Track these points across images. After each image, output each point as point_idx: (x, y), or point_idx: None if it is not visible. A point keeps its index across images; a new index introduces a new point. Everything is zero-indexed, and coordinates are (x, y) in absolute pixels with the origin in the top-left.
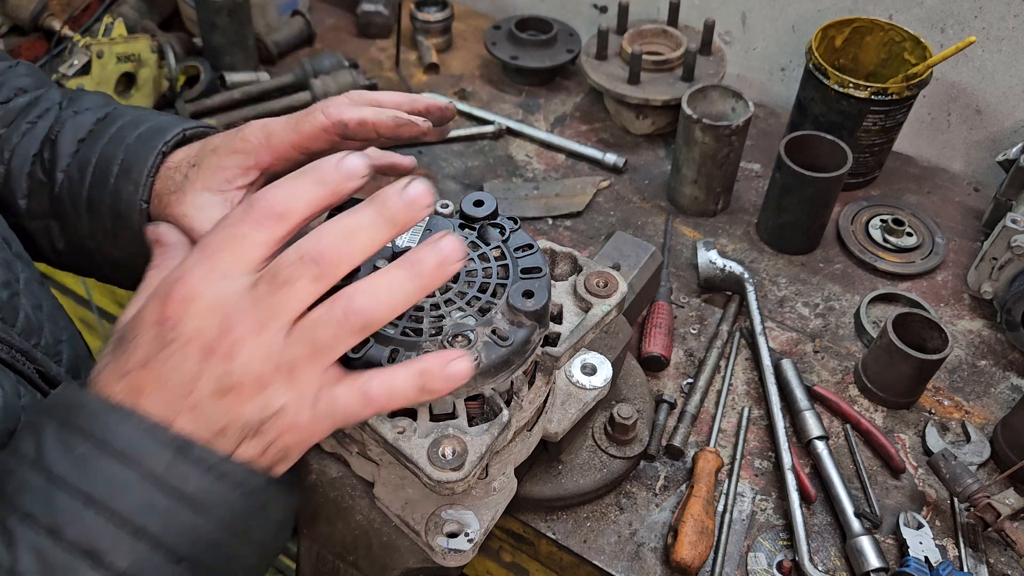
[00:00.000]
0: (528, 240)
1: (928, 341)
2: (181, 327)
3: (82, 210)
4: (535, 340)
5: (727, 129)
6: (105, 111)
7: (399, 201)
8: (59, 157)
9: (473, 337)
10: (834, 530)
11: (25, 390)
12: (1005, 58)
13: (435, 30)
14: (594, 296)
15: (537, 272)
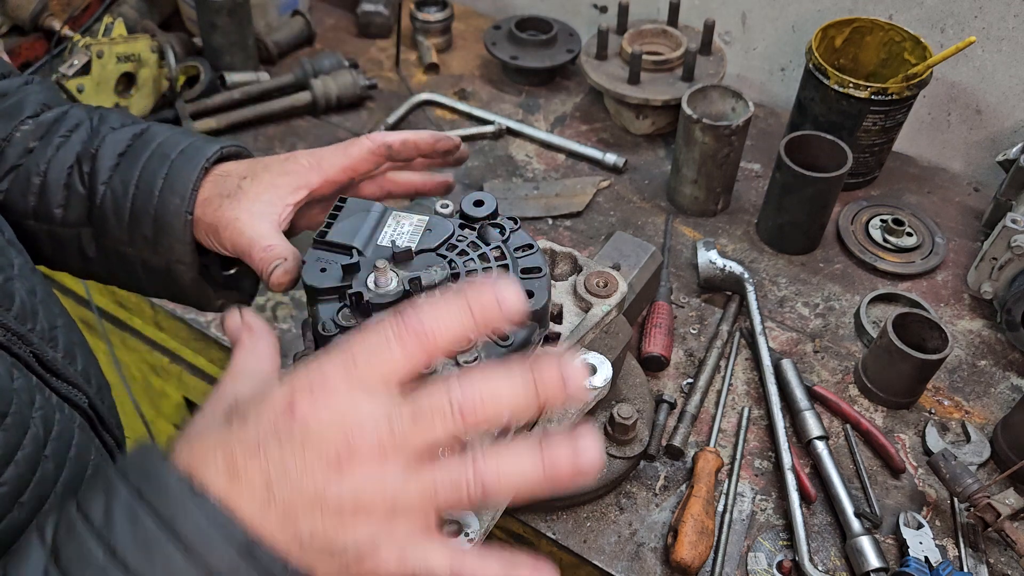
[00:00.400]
0: (528, 240)
1: (928, 341)
2: (307, 427)
3: (124, 220)
4: (535, 340)
5: (727, 129)
6: (140, 127)
7: (550, 376)
8: (100, 170)
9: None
10: (834, 530)
11: (20, 373)
12: (1005, 58)
13: (435, 30)
14: (594, 296)
15: (537, 272)
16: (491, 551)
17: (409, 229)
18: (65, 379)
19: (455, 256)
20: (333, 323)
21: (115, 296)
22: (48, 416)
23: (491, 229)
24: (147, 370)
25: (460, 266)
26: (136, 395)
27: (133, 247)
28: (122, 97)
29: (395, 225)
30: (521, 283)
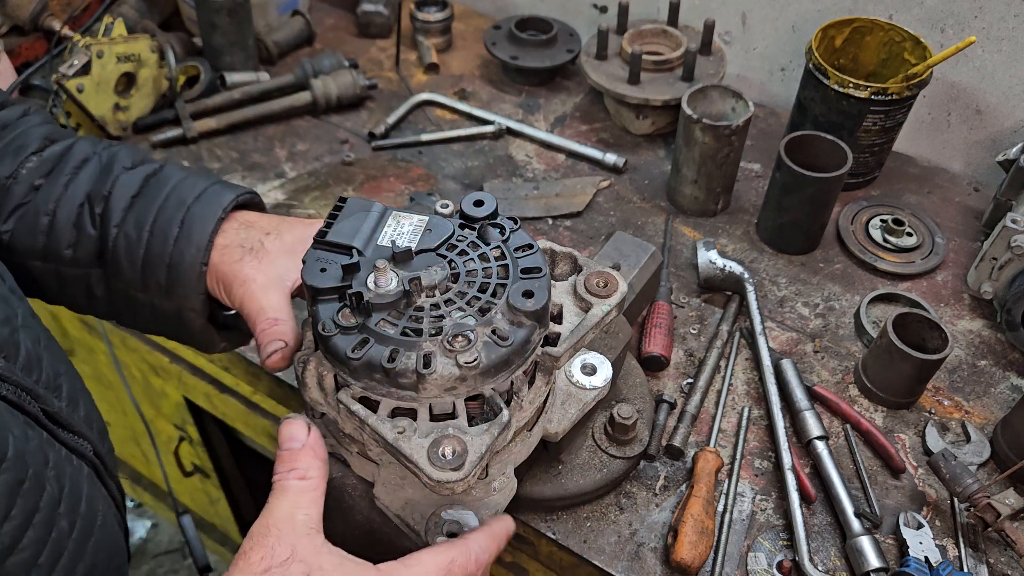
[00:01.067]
0: (528, 240)
1: (928, 341)
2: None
3: (138, 265)
4: (535, 340)
5: (727, 129)
6: (152, 167)
7: None
8: (113, 212)
9: (473, 337)
10: (834, 530)
11: (33, 432)
12: (1005, 58)
13: (435, 30)
14: (594, 296)
15: (537, 272)
16: None
17: (409, 229)
18: (71, 429)
19: (455, 256)
20: (333, 323)
21: None
22: (60, 473)
23: (491, 229)
24: (147, 370)
25: (460, 266)
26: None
27: (145, 292)
28: (122, 97)
29: (395, 225)
30: (521, 283)
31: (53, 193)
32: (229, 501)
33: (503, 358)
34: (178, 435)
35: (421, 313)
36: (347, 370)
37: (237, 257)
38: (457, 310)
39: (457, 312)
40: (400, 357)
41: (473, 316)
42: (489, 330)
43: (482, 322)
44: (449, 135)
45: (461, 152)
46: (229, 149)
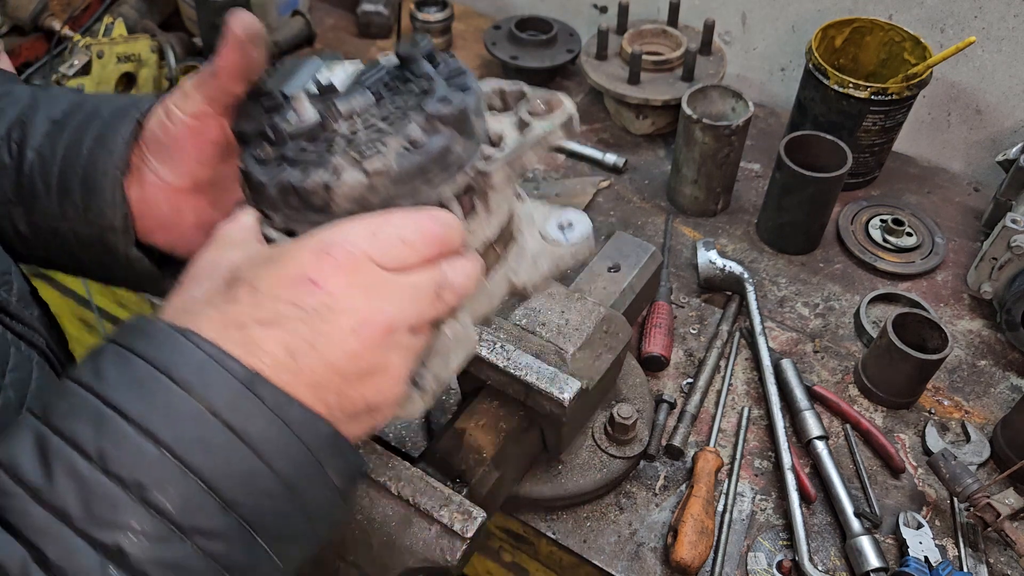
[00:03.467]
0: (460, 66)
1: (928, 341)
2: (333, 300)
3: (52, 187)
4: (458, 152)
5: (727, 129)
6: (82, 96)
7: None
8: (30, 136)
9: (384, 147)
10: (834, 530)
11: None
12: (1005, 58)
13: (435, 30)
14: (535, 117)
15: (465, 88)
16: None
17: (342, 75)
18: (20, 320)
19: (381, 88)
20: (252, 158)
21: (115, 296)
22: (3, 351)
23: (424, 65)
24: None
25: (386, 95)
26: None
27: (65, 220)
28: None
29: (327, 73)
30: (444, 93)
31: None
32: None
33: (416, 165)
34: None
35: (335, 136)
36: (265, 202)
37: (174, 92)
38: (375, 130)
39: (375, 130)
40: (311, 173)
41: (388, 132)
42: (404, 138)
43: (396, 134)
44: None
45: None
46: None
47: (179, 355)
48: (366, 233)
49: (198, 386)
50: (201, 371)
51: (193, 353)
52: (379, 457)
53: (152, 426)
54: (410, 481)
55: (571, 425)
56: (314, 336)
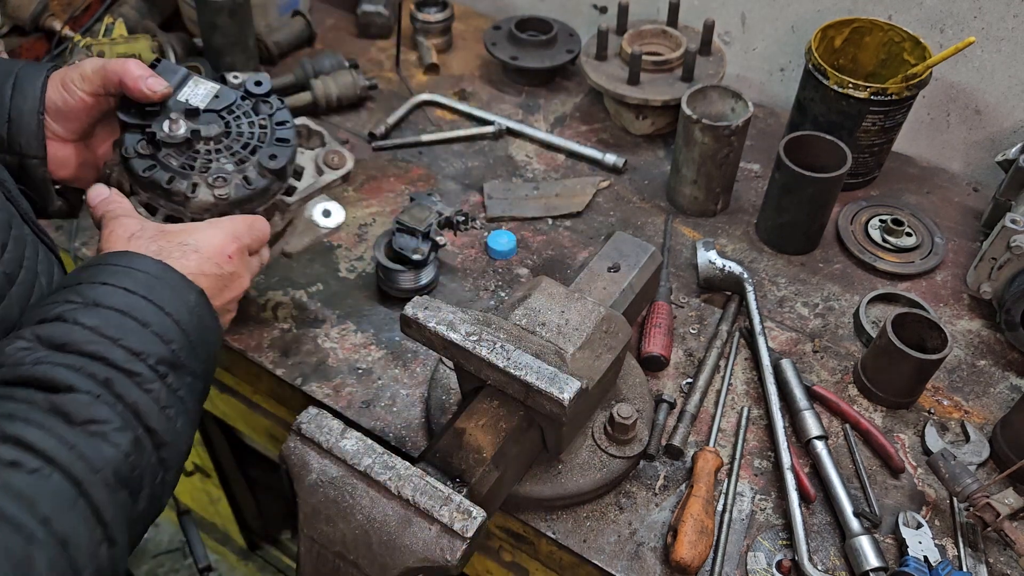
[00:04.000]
0: (287, 118)
1: (927, 341)
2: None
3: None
4: (274, 189)
5: (726, 129)
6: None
7: None
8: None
9: (228, 179)
10: (833, 530)
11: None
12: (1004, 58)
13: (435, 30)
14: (328, 167)
15: (286, 142)
16: None
17: (203, 92)
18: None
19: (231, 118)
20: (133, 150)
21: None
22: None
23: (263, 104)
24: None
25: (233, 126)
26: None
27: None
28: None
29: (194, 87)
30: (272, 148)
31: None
32: (229, 501)
33: (246, 197)
34: None
35: (197, 155)
36: (138, 184)
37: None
38: (225, 158)
39: (224, 159)
40: (176, 182)
41: (233, 165)
42: (241, 176)
43: (238, 170)
44: (449, 135)
45: (461, 152)
46: None
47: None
48: (245, 228)
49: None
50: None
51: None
52: (379, 457)
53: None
54: (410, 481)
55: (571, 425)
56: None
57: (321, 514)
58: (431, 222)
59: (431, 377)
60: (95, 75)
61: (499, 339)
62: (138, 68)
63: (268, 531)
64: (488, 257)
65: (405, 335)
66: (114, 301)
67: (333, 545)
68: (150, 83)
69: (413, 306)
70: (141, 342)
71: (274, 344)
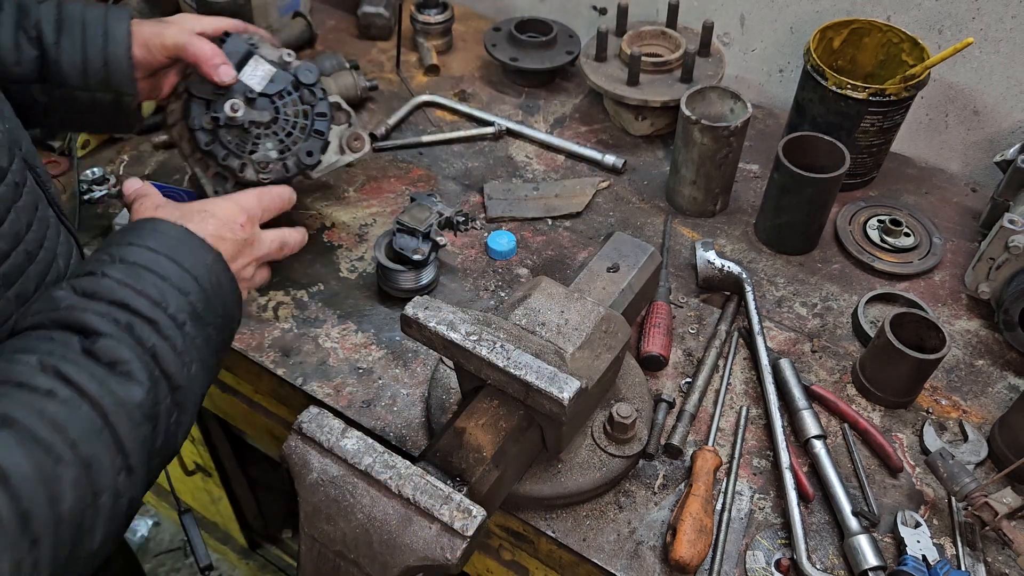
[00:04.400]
0: (325, 110)
1: (926, 341)
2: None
3: (79, 69)
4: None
5: (725, 130)
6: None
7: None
8: (45, 35)
9: (272, 165)
10: (832, 529)
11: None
12: (1003, 59)
13: (435, 32)
14: (348, 148)
15: (320, 135)
16: None
17: (261, 74)
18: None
19: (280, 104)
20: (199, 124)
21: None
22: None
23: (308, 93)
24: None
25: (281, 112)
26: None
27: (87, 91)
28: None
29: (254, 67)
30: (310, 142)
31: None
32: (231, 500)
33: (281, 180)
34: None
35: (248, 138)
36: (197, 151)
37: (156, 32)
38: (270, 143)
39: (270, 144)
40: (229, 159)
41: (276, 152)
42: (281, 164)
43: (280, 158)
44: (449, 136)
45: (461, 153)
46: None
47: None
48: (256, 201)
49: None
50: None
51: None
52: (380, 456)
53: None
54: (410, 480)
55: (571, 424)
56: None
57: (322, 513)
58: (431, 222)
59: (431, 377)
60: (175, 48)
61: (499, 339)
62: (213, 54)
63: (269, 530)
64: (488, 257)
65: (405, 335)
66: (138, 257)
67: (334, 544)
68: (221, 72)
69: (413, 306)
70: (161, 293)
71: (275, 344)
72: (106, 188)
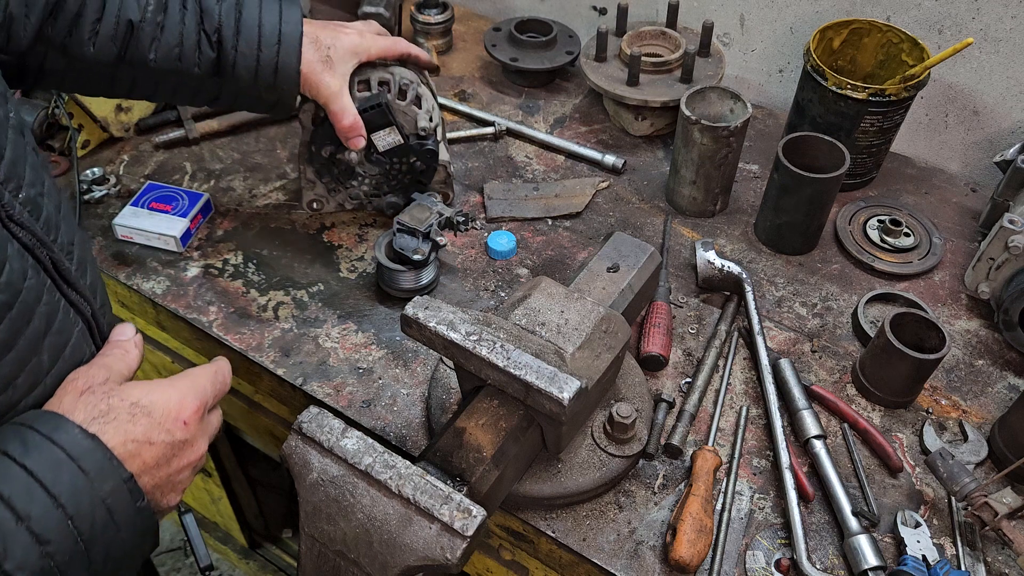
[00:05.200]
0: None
1: (925, 341)
2: (186, 431)
3: (252, 73)
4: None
5: (725, 130)
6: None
7: None
8: (225, 39)
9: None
10: (832, 529)
11: (33, 273)
12: (1002, 59)
13: (435, 32)
14: None
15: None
16: None
17: (390, 140)
18: (75, 288)
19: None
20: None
21: (117, 296)
22: (52, 314)
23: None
24: (149, 369)
25: (392, 169)
26: None
27: (255, 89)
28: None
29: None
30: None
31: (175, 29)
32: (231, 500)
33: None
34: None
35: (352, 177)
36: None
37: (319, 70)
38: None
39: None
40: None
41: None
42: (367, 200)
43: (367, 198)
44: (449, 136)
45: (461, 153)
46: (231, 150)
47: (62, 431)
48: (209, 382)
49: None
50: (75, 441)
51: (77, 439)
52: (380, 456)
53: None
54: (410, 480)
55: (571, 424)
56: (175, 450)
57: (322, 513)
58: (431, 222)
59: (431, 376)
60: (324, 101)
61: (499, 339)
62: (352, 127)
63: (269, 530)
64: (488, 257)
65: (406, 335)
66: (3, 482)
67: (334, 544)
68: (351, 143)
69: (414, 306)
70: (10, 539)
71: (275, 344)
72: (106, 188)
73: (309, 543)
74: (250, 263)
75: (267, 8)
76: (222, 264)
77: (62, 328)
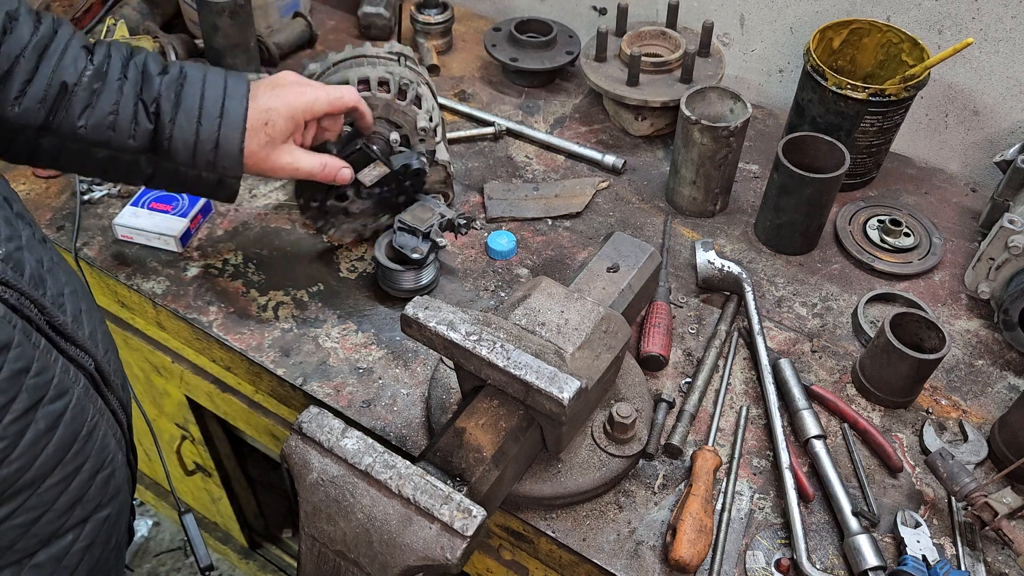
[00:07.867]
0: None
1: (925, 341)
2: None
3: (191, 150)
4: None
5: (725, 130)
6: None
7: None
8: (163, 111)
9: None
10: (832, 529)
11: (23, 338)
12: (1002, 59)
13: (435, 32)
14: None
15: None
16: None
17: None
18: (74, 342)
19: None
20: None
21: (117, 296)
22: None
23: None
24: (149, 369)
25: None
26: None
27: (194, 168)
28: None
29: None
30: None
31: (111, 97)
32: (231, 500)
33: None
34: (180, 434)
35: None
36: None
37: (264, 156)
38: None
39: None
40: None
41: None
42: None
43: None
44: (449, 136)
45: (461, 153)
46: None
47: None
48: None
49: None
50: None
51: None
52: (380, 456)
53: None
54: (410, 480)
55: (571, 424)
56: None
57: (322, 513)
58: (433, 223)
59: (431, 376)
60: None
61: (499, 339)
62: (328, 171)
63: (269, 530)
64: (488, 257)
65: (406, 335)
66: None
67: (334, 544)
68: (338, 181)
69: (414, 306)
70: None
71: (275, 344)
72: (106, 188)
73: (309, 543)
74: (250, 263)
75: (211, 81)
76: (222, 264)
77: (58, 394)
